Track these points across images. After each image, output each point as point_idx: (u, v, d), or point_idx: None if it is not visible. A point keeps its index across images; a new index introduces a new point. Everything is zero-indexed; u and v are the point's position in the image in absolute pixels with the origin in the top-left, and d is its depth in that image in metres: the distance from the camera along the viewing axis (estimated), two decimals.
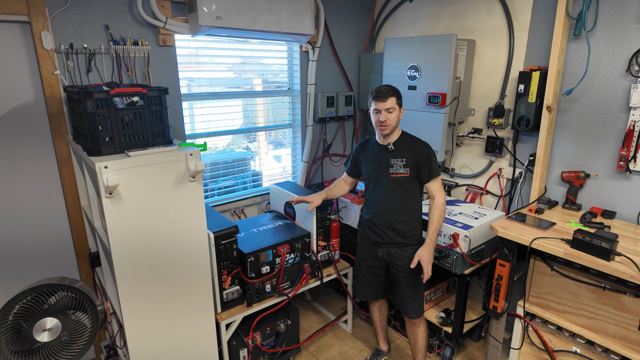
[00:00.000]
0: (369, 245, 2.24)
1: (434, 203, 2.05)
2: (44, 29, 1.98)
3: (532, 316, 2.12)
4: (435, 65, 2.57)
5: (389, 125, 2.02)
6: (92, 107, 1.57)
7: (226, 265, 2.12)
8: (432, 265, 2.01)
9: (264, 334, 2.34)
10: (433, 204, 2.06)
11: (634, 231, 1.98)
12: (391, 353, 2.62)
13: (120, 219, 1.62)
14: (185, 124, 2.56)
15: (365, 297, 2.38)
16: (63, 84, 2.08)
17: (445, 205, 2.06)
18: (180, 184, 1.74)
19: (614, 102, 2.09)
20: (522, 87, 2.32)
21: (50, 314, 1.48)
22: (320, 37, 2.99)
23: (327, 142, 3.36)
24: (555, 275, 1.98)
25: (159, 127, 1.73)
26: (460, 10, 2.70)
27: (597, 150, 2.20)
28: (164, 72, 2.39)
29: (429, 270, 2.00)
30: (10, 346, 1.43)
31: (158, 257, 1.77)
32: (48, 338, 1.48)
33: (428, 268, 1.99)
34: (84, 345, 1.56)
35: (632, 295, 1.73)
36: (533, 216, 2.18)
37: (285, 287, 2.37)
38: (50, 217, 2.23)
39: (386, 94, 1.99)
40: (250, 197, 3.00)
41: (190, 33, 2.37)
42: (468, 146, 2.82)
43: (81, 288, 1.55)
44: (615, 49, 2.05)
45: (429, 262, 2.00)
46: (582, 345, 1.95)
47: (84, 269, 2.36)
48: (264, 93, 3.02)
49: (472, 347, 2.69)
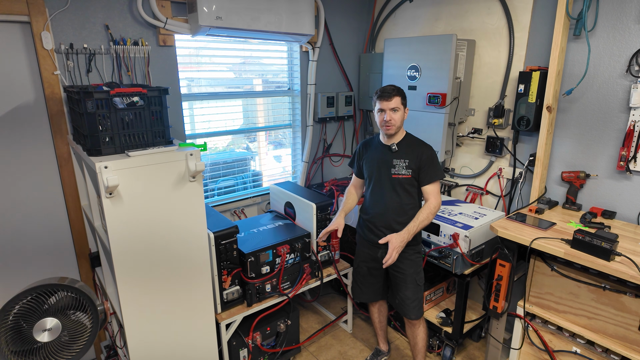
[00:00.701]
0: (368, 247, 2.24)
1: (427, 204, 2.04)
2: (44, 29, 1.98)
3: (532, 316, 2.11)
4: (436, 65, 2.57)
5: (394, 125, 2.02)
6: (92, 107, 1.57)
7: (226, 265, 2.12)
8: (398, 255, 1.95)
9: (264, 334, 2.34)
10: (425, 204, 2.05)
11: (634, 231, 1.98)
12: (391, 353, 2.62)
13: (120, 219, 1.62)
14: (186, 124, 2.56)
15: (365, 299, 2.37)
16: (63, 84, 2.09)
17: (437, 209, 2.04)
18: (180, 184, 1.74)
19: (614, 102, 2.09)
20: (522, 87, 2.32)
21: (50, 314, 1.48)
22: (320, 37, 2.99)
23: (327, 142, 3.36)
24: (556, 275, 1.98)
25: (159, 127, 1.73)
26: (460, 10, 2.70)
27: (597, 150, 2.20)
28: (164, 72, 2.39)
29: (394, 257, 1.94)
30: (10, 346, 1.43)
31: (158, 257, 1.77)
32: (48, 338, 1.48)
33: (394, 253, 1.93)
34: (84, 346, 1.56)
35: (632, 295, 1.73)
36: (533, 216, 2.18)
37: (285, 287, 2.37)
38: (50, 217, 2.23)
39: (391, 94, 1.99)
40: (250, 197, 3.00)
41: (191, 33, 2.37)
42: (468, 146, 2.82)
43: (81, 288, 1.55)
44: (616, 49, 2.05)
45: (396, 249, 1.94)
46: (582, 345, 1.94)
47: (84, 269, 2.36)
48: (264, 93, 3.02)
49: (472, 347, 2.69)
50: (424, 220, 2.01)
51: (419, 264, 2.16)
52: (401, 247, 1.97)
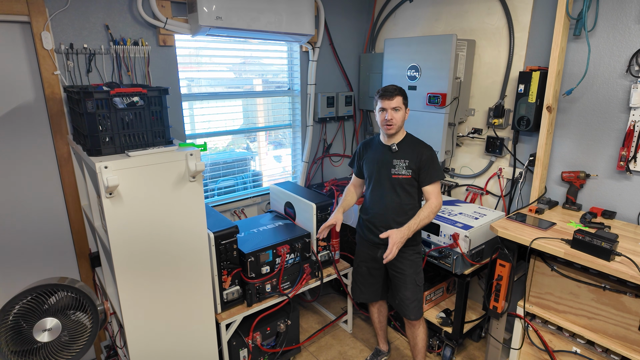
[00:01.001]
0: (368, 247, 2.24)
1: (428, 203, 2.04)
2: (44, 29, 1.98)
3: (532, 316, 2.11)
4: (436, 65, 2.57)
5: (395, 125, 2.02)
6: (92, 107, 1.57)
7: (226, 265, 2.12)
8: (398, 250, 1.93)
9: (264, 334, 2.34)
10: (427, 203, 2.04)
11: (634, 231, 1.98)
12: (391, 353, 2.62)
13: (120, 219, 1.62)
14: (186, 124, 2.56)
15: (364, 299, 2.37)
16: (63, 84, 2.09)
17: (438, 209, 2.03)
18: (180, 184, 1.74)
19: (614, 102, 2.09)
20: (522, 87, 2.32)
21: (50, 314, 1.48)
22: (320, 37, 2.99)
23: (327, 142, 3.36)
24: (556, 275, 1.98)
25: (159, 127, 1.73)
26: (460, 10, 2.70)
27: (597, 150, 2.20)
28: (164, 72, 2.39)
29: (394, 252, 1.91)
30: (11, 346, 1.42)
31: (158, 257, 1.77)
32: (48, 338, 1.48)
33: (394, 249, 1.91)
34: (84, 346, 1.56)
35: (632, 295, 1.73)
36: (533, 216, 2.18)
37: (286, 287, 2.37)
38: (50, 217, 2.23)
39: (393, 93, 1.99)
40: (250, 197, 3.00)
41: (191, 33, 2.37)
42: (468, 146, 2.82)
43: (81, 288, 1.55)
44: (616, 49, 2.05)
45: (396, 244, 1.92)
46: (583, 345, 1.94)
47: (84, 269, 2.37)
48: (264, 93, 3.02)
49: (472, 347, 2.69)
50: (425, 219, 2.00)
51: (418, 264, 2.16)
52: (401, 243, 1.95)
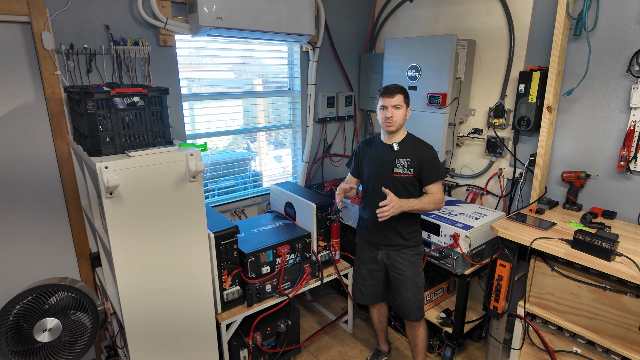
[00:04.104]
0: (368, 248, 2.23)
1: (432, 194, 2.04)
2: (45, 30, 1.97)
3: (533, 316, 2.11)
4: (436, 65, 2.57)
5: (395, 123, 2.01)
6: (92, 107, 1.57)
7: (226, 265, 2.12)
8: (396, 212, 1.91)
9: (265, 334, 2.33)
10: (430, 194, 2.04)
11: (635, 231, 1.98)
12: (391, 353, 2.62)
13: (120, 219, 1.62)
14: (186, 124, 2.56)
15: (365, 301, 2.36)
16: (63, 85, 2.08)
17: (442, 203, 2.04)
18: (180, 184, 1.74)
19: (615, 102, 2.09)
20: (523, 87, 2.32)
21: (50, 314, 1.48)
22: (320, 37, 2.99)
23: (327, 143, 3.36)
24: (556, 275, 1.98)
25: (159, 128, 1.73)
26: (460, 10, 2.70)
27: (597, 150, 2.20)
28: (164, 72, 2.39)
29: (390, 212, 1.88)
30: (11, 346, 1.43)
31: (158, 257, 1.77)
32: (48, 338, 1.48)
33: (391, 208, 1.88)
34: (84, 346, 1.56)
35: (633, 295, 1.73)
36: (533, 216, 2.18)
37: (286, 287, 2.37)
38: (50, 217, 2.23)
39: (394, 91, 1.99)
40: (250, 197, 3.00)
41: (191, 33, 2.37)
42: (468, 146, 2.82)
43: (82, 288, 1.55)
44: (616, 49, 2.05)
45: (396, 207, 1.89)
46: (583, 345, 1.94)
47: (84, 269, 2.36)
48: (264, 93, 3.02)
49: (472, 347, 2.69)
50: (426, 204, 1.99)
51: (419, 265, 2.16)
52: (398, 210, 1.91)
